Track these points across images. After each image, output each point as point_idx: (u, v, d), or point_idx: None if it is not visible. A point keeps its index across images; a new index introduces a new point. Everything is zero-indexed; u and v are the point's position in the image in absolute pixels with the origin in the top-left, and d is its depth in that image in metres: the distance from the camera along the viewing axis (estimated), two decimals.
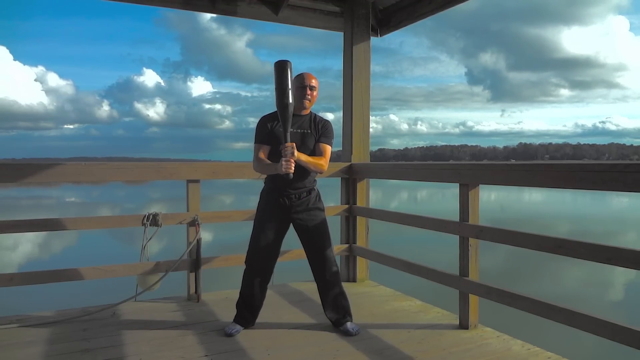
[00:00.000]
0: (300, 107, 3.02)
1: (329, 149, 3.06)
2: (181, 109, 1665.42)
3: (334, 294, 3.08)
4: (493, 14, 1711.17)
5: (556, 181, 2.49)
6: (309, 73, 3.07)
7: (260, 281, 3.05)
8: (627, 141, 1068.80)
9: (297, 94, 2.99)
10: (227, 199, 30.51)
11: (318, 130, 3.05)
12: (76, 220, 3.47)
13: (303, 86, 3.00)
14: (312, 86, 3.02)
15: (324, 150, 3.03)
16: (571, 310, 2.42)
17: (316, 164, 2.97)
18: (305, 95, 3.00)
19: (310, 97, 3.03)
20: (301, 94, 3.00)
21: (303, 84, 3.01)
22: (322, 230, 3.08)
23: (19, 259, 11.57)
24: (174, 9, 4.02)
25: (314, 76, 3.06)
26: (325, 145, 3.05)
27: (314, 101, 3.08)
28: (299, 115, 3.04)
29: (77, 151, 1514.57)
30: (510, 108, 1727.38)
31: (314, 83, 3.03)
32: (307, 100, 3.02)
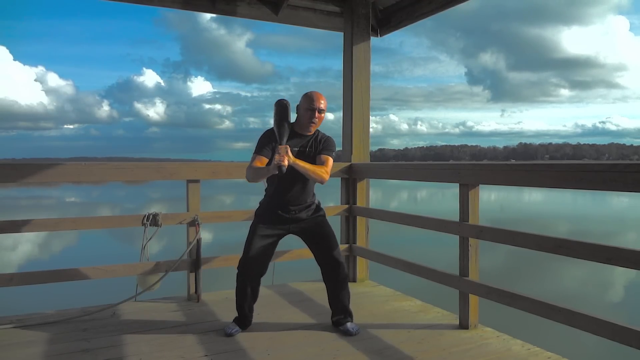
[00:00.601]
0: (306, 129, 2.98)
1: (330, 160, 2.98)
2: (181, 109, 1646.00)
3: (343, 295, 3.07)
4: (493, 14, 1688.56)
5: (556, 181, 2.49)
6: (318, 94, 2.98)
7: (252, 286, 3.01)
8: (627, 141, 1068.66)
9: (305, 114, 2.96)
10: (227, 199, 30.52)
11: (320, 146, 3.00)
12: (76, 220, 3.47)
13: (312, 109, 2.94)
14: (321, 109, 2.96)
15: (324, 160, 2.96)
16: (571, 310, 2.42)
17: (315, 171, 2.88)
18: (312, 118, 2.95)
19: (318, 120, 2.98)
20: (309, 116, 2.95)
21: (312, 106, 2.94)
22: (327, 232, 3.07)
23: (19, 259, 11.57)
24: (174, 9, 4.02)
25: (323, 97, 2.99)
26: (326, 156, 2.97)
27: (320, 123, 3.03)
28: (304, 135, 3.00)
29: (77, 151, 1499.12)
30: (510, 108, 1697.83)
31: (323, 105, 2.97)
32: (314, 124, 2.98)
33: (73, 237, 13.26)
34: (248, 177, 2.93)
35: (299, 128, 3.00)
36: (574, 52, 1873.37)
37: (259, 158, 2.92)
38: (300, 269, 3.48)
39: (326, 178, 2.94)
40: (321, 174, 2.89)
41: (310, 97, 2.96)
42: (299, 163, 2.83)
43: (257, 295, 3.04)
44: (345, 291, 3.08)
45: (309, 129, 2.99)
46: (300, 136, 2.99)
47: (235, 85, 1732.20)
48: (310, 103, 2.95)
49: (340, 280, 3.04)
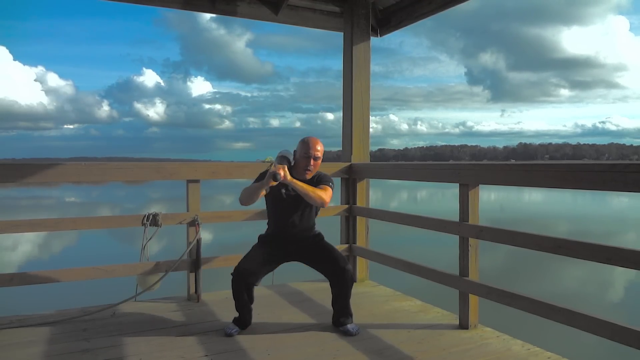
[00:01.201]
0: (301, 175, 3.01)
1: (328, 188, 3.01)
2: (181, 109, 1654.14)
3: (347, 298, 3.07)
4: (493, 14, 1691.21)
5: (556, 181, 2.49)
6: (314, 140, 3.01)
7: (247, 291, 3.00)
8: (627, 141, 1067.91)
9: (301, 161, 3.00)
10: (227, 199, 30.53)
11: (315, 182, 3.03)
12: (76, 220, 3.47)
13: (307, 156, 2.98)
14: (317, 157, 3.00)
15: (323, 188, 2.98)
16: (571, 310, 2.42)
17: (314, 190, 2.90)
18: (307, 166, 2.99)
19: (313, 167, 3.01)
20: (304, 164, 2.99)
21: (307, 153, 2.98)
22: (328, 246, 3.13)
23: (19, 259, 11.57)
24: (173, 9, 4.02)
25: (319, 142, 3.02)
26: (324, 185, 3.00)
27: (315, 170, 3.06)
28: (302, 179, 3.00)
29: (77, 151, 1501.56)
30: (510, 108, 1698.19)
31: (319, 153, 3.00)
32: (309, 172, 3.02)
33: (73, 237, 13.26)
34: (242, 198, 2.94)
35: (296, 173, 3.01)
36: (574, 52, 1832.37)
37: None
38: (300, 269, 3.47)
39: (326, 200, 2.96)
40: (321, 195, 2.92)
41: (306, 144, 3.00)
42: (298, 182, 2.86)
43: (253, 298, 3.05)
44: (349, 294, 3.08)
45: (304, 176, 3.02)
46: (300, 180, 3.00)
47: (235, 85, 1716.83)
48: (306, 150, 2.99)
49: (346, 284, 3.04)
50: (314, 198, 2.91)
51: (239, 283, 2.94)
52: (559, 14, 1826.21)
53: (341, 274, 3.00)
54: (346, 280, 3.00)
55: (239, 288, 2.95)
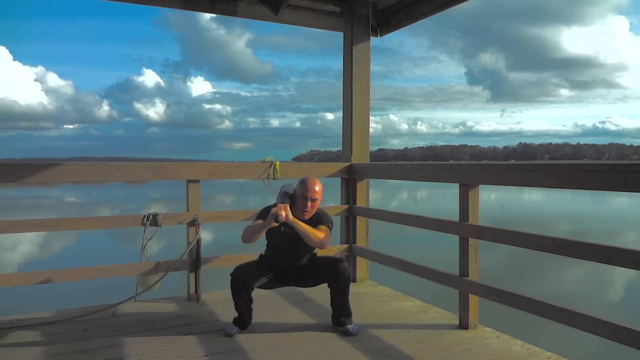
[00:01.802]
0: (300, 215, 2.99)
1: (327, 229, 3.01)
2: (181, 109, 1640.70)
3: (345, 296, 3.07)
4: (493, 14, 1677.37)
5: (556, 181, 2.49)
6: (312, 181, 3.00)
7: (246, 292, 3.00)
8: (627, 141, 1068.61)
9: (299, 202, 3.00)
10: (227, 199, 30.52)
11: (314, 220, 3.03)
12: (76, 220, 3.47)
13: (305, 197, 2.98)
14: (314, 198, 2.99)
15: (321, 229, 2.98)
16: (571, 310, 2.42)
17: (315, 232, 2.91)
18: (305, 207, 2.99)
19: (311, 209, 3.00)
20: (302, 204, 2.99)
21: (305, 195, 2.97)
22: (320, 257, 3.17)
23: (19, 259, 11.57)
24: (173, 9, 4.02)
25: (317, 183, 3.01)
26: (322, 226, 2.99)
27: (314, 211, 3.05)
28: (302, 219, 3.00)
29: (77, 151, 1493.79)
30: (510, 108, 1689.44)
31: (317, 195, 2.99)
32: (307, 213, 3.01)
33: (73, 237, 13.26)
34: (244, 237, 2.94)
35: (295, 211, 3.00)
36: (574, 52, 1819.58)
37: (256, 222, 2.96)
38: None
39: (326, 243, 2.96)
40: (322, 240, 2.92)
41: (304, 185, 3.00)
42: (299, 223, 2.87)
43: (252, 298, 3.05)
44: (347, 292, 3.08)
45: (302, 216, 3.01)
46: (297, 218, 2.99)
47: (235, 85, 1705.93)
48: (303, 192, 2.99)
49: (343, 282, 3.04)
50: (314, 240, 2.91)
51: (237, 284, 2.95)
52: (559, 14, 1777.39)
53: (337, 272, 3.00)
54: (343, 278, 3.01)
55: (238, 289, 2.96)
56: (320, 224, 3.01)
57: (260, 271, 3.05)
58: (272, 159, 4.01)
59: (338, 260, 3.05)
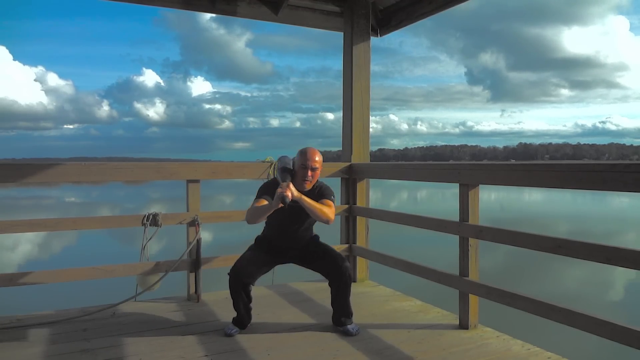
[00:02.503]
0: (301, 186, 2.99)
1: (331, 203, 3.01)
2: (181, 109, 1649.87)
3: (346, 297, 3.06)
4: (493, 14, 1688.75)
5: (556, 181, 2.49)
6: (312, 151, 3.00)
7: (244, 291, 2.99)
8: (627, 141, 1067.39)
9: (299, 172, 2.99)
10: (227, 199, 30.51)
11: (316, 194, 3.03)
12: (76, 220, 3.47)
13: (305, 167, 2.97)
14: (314, 167, 2.98)
15: (326, 203, 2.98)
16: (571, 310, 2.42)
17: (321, 208, 2.90)
18: (305, 177, 2.97)
19: (312, 178, 2.99)
20: (302, 174, 2.98)
21: (305, 164, 2.97)
22: (323, 245, 3.14)
23: (19, 259, 11.57)
24: (173, 9, 4.02)
25: (317, 153, 3.01)
26: (326, 200, 3.00)
27: (315, 181, 3.05)
28: (302, 191, 2.99)
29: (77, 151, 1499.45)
30: (510, 108, 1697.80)
31: (317, 164, 2.99)
32: (308, 182, 3.00)
33: (73, 237, 13.26)
34: (248, 217, 2.92)
35: (295, 183, 2.99)
36: (574, 52, 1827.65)
37: (260, 201, 2.93)
38: (300, 269, 3.48)
39: (332, 218, 2.96)
40: (327, 214, 2.92)
41: (304, 155, 2.99)
42: (305, 198, 2.85)
43: (251, 297, 3.05)
44: (348, 292, 3.08)
45: (303, 186, 3.01)
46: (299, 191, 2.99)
47: (235, 85, 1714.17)
48: (304, 161, 2.98)
49: (344, 282, 3.03)
50: (320, 216, 2.91)
51: (236, 283, 2.95)
52: (559, 14, 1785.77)
53: (339, 271, 3.00)
54: (344, 278, 3.00)
55: (236, 288, 2.96)
56: (324, 198, 3.00)
57: (257, 263, 3.03)
58: (272, 159, 4.01)
59: (340, 260, 3.04)
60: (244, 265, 2.99)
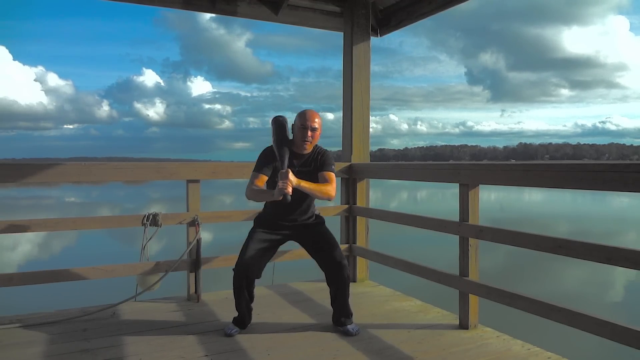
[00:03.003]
0: (301, 148, 2.99)
1: (332, 175, 2.99)
2: (181, 109, 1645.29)
3: (345, 297, 3.06)
4: (493, 14, 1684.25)
5: (556, 181, 2.49)
6: (311, 112, 2.99)
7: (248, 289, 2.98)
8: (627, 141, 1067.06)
9: (298, 134, 2.97)
10: (227, 199, 30.52)
11: (318, 163, 3.01)
12: (76, 220, 3.47)
13: (304, 127, 2.95)
14: (314, 127, 2.96)
15: (327, 177, 2.97)
16: (571, 310, 2.42)
17: (321, 189, 2.89)
18: (305, 137, 2.95)
19: (312, 138, 2.97)
20: (302, 135, 2.95)
21: (305, 124, 2.95)
22: (328, 236, 3.09)
23: (19, 259, 11.57)
24: (173, 9, 4.03)
25: (317, 114, 2.99)
26: (327, 172, 2.98)
27: (315, 142, 3.02)
28: (301, 154, 3.00)
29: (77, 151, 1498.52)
30: (510, 108, 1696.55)
31: (316, 124, 2.97)
32: (308, 143, 2.97)
33: (73, 237, 13.26)
34: (248, 196, 2.94)
35: (296, 147, 3.00)
36: (574, 52, 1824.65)
37: (259, 177, 2.94)
38: (300, 269, 3.48)
39: (333, 194, 2.95)
40: (328, 192, 2.91)
41: (303, 116, 2.98)
42: (304, 184, 2.84)
43: (253, 296, 3.04)
44: (347, 292, 3.07)
45: (304, 148, 3.00)
46: (299, 155, 3.00)
47: (235, 85, 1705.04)
48: (303, 122, 2.96)
49: (343, 282, 3.03)
50: (322, 196, 2.92)
51: (240, 280, 2.93)
52: (559, 14, 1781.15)
53: (337, 274, 2.99)
54: (343, 279, 3.00)
55: (240, 285, 2.95)
56: (325, 169, 2.98)
57: (260, 252, 2.97)
58: None
59: (338, 263, 3.00)
60: (247, 258, 2.94)
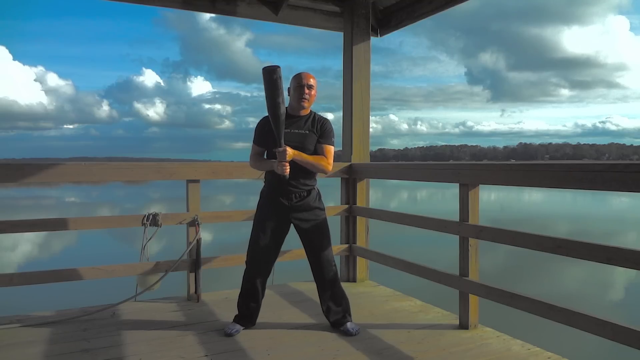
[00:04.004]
0: (298, 108, 2.98)
1: (331, 149, 3.00)
2: (181, 109, 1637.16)
3: (333, 294, 3.07)
4: (493, 14, 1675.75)
5: (556, 181, 2.49)
6: (307, 72, 3.01)
7: (260, 281, 3.04)
8: (627, 141, 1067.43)
9: (295, 94, 2.96)
10: (227, 199, 30.52)
11: (317, 130, 2.99)
12: (76, 220, 3.46)
13: (301, 85, 2.94)
14: (310, 85, 2.95)
15: (325, 150, 2.97)
16: (571, 310, 2.42)
17: (317, 162, 2.92)
18: (303, 94, 2.93)
19: (309, 96, 2.95)
20: (299, 93, 2.94)
21: (301, 83, 2.94)
22: (322, 230, 3.06)
23: (19, 259, 11.57)
24: (174, 9, 4.03)
25: (312, 75, 3.00)
26: (326, 146, 2.98)
27: (312, 100, 3.00)
28: (298, 116, 2.99)
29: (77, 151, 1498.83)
30: (510, 108, 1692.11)
31: (312, 82, 2.96)
32: (305, 100, 2.95)
33: (73, 237, 13.26)
34: (251, 165, 3.06)
35: (292, 110, 3.00)
36: (574, 52, 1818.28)
37: (257, 149, 3.04)
38: (300, 269, 3.48)
39: (329, 168, 2.97)
40: (324, 166, 2.95)
41: (298, 76, 2.99)
42: (300, 157, 2.86)
43: (264, 292, 3.06)
44: (337, 290, 3.07)
45: (302, 107, 2.98)
46: (296, 117, 2.98)
47: (235, 85, 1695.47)
48: (299, 81, 2.96)
49: (327, 278, 3.04)
50: (318, 168, 2.95)
51: (255, 271, 2.97)
52: (559, 13, 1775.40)
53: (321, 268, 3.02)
54: (326, 273, 3.02)
55: (255, 278, 2.98)
56: (324, 140, 2.98)
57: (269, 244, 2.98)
58: None
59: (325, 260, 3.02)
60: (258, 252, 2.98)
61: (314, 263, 3.07)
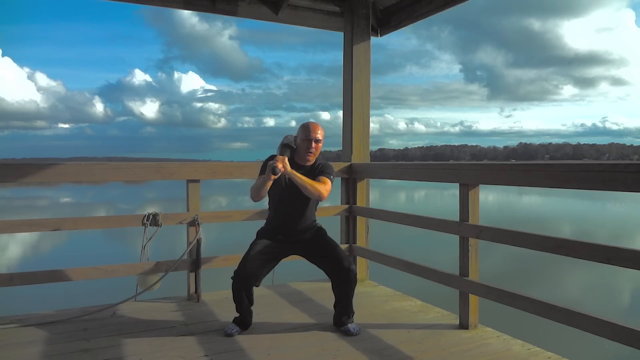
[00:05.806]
0: (304, 160, 3.02)
1: (328, 180, 2.99)
2: (173, 107, 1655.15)
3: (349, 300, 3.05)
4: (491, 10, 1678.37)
5: (556, 181, 2.49)
6: (315, 124, 3.03)
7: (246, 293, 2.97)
8: (627, 141, 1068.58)
9: (302, 145, 3.01)
10: (227, 199, 30.51)
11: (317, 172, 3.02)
12: (76, 220, 3.46)
13: (308, 139, 2.99)
14: (317, 139, 3.00)
15: (322, 179, 2.97)
16: (571, 310, 2.42)
17: (313, 185, 2.89)
18: (309, 149, 2.99)
19: (315, 150, 3.02)
20: (306, 146, 3.00)
21: (308, 136, 2.99)
22: (332, 244, 3.10)
23: (18, 259, 11.56)
24: (174, 8, 4.03)
25: (320, 127, 3.04)
26: (324, 177, 2.98)
27: (317, 153, 3.06)
28: (304, 166, 3.02)
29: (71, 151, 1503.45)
30: (510, 107, 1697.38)
31: (319, 136, 3.01)
32: (312, 155, 3.02)
33: (71, 237, 13.23)
34: (251, 195, 2.97)
35: (298, 159, 3.03)
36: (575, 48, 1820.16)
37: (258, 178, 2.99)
38: (300, 269, 3.48)
39: (324, 194, 2.94)
40: (319, 189, 2.90)
41: (306, 128, 3.02)
42: (297, 175, 2.86)
43: (253, 300, 3.04)
44: (352, 294, 3.06)
45: (307, 159, 3.03)
46: (301, 167, 3.01)
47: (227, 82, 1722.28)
48: (307, 134, 3.00)
49: (352, 288, 3.02)
50: (312, 192, 2.90)
51: (239, 286, 2.94)
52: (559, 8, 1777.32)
53: (345, 275, 2.97)
54: (350, 281, 2.99)
55: (239, 291, 2.95)
56: (323, 175, 3.00)
57: (261, 262, 2.97)
58: None
59: (346, 261, 3.00)
60: (247, 267, 2.94)
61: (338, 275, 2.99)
